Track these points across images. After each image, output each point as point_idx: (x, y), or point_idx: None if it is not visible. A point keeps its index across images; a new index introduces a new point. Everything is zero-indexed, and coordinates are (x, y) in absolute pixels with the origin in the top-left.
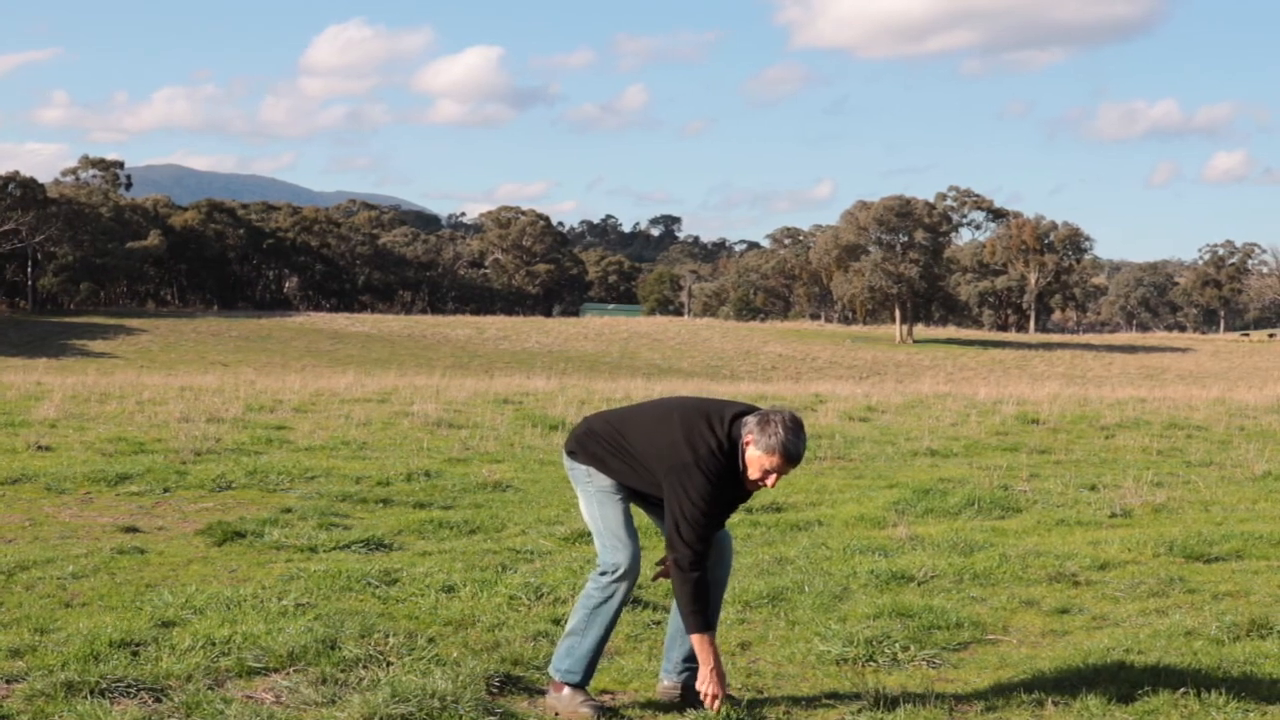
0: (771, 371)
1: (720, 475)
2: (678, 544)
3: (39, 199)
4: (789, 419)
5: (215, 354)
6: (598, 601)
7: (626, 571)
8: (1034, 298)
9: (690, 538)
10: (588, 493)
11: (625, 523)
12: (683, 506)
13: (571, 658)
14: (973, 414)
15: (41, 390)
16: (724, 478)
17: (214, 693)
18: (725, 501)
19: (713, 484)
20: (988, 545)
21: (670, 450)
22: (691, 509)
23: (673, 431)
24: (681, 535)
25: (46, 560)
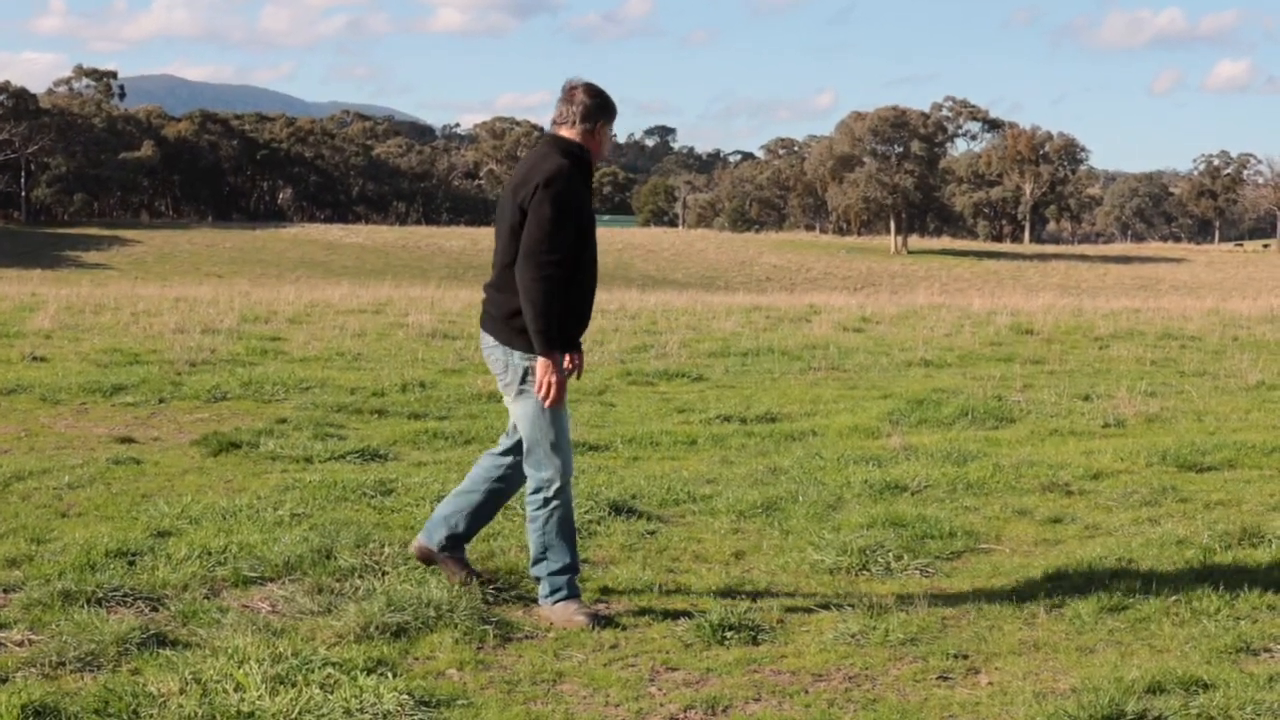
0: (766, 283)
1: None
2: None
3: (31, 109)
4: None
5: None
6: (544, 519)
7: (563, 486)
8: (1029, 209)
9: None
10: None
11: (567, 429)
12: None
13: (550, 583)
14: (967, 325)
15: (36, 301)
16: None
17: (210, 602)
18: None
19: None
20: (981, 455)
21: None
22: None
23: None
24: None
25: (42, 470)
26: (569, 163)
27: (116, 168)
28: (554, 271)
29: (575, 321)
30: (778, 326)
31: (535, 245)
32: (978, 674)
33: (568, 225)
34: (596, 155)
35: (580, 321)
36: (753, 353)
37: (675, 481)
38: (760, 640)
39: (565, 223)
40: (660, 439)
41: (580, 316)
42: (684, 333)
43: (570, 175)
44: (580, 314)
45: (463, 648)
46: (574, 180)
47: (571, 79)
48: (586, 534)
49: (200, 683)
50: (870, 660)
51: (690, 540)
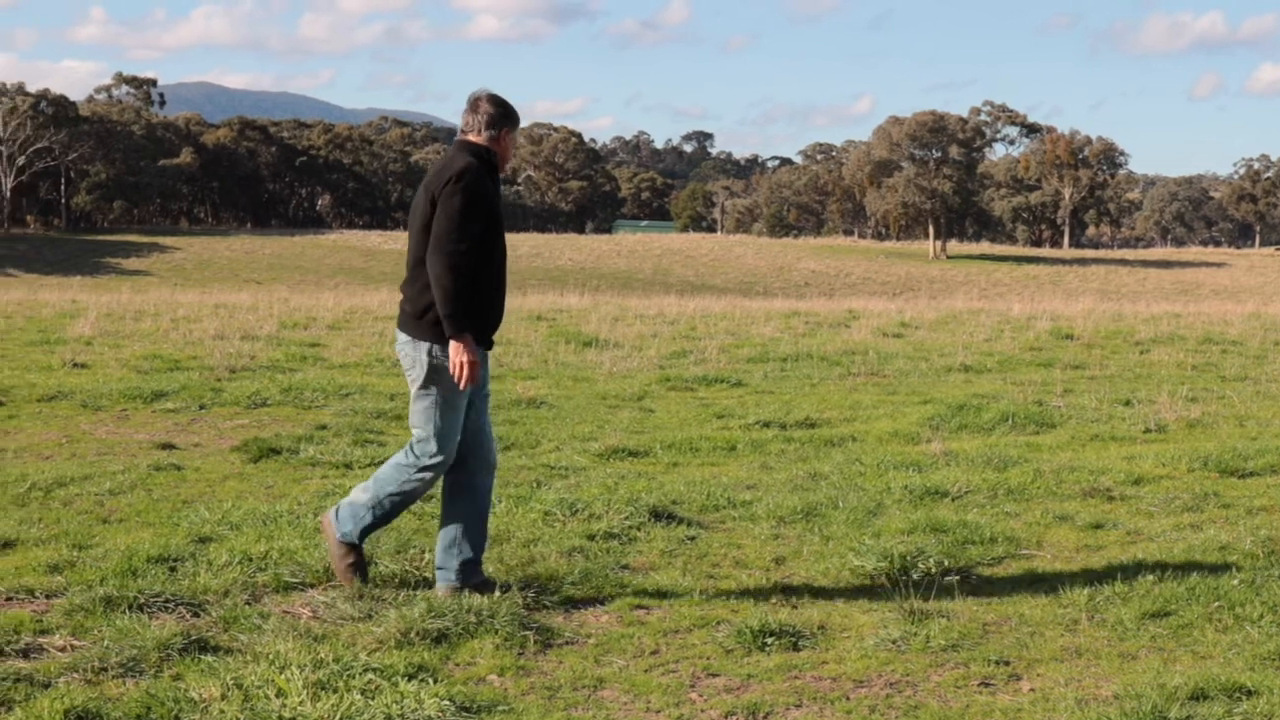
0: (805, 288)
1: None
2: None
3: (71, 117)
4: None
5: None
6: (400, 482)
7: (434, 479)
8: (1068, 213)
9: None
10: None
11: (459, 427)
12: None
13: (354, 531)
14: (1007, 330)
15: (77, 308)
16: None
17: (251, 608)
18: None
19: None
20: (1022, 460)
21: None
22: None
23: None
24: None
25: (84, 477)
26: (478, 162)
27: (156, 175)
28: (461, 260)
29: (490, 318)
30: (817, 332)
31: (444, 234)
32: (1019, 680)
33: (476, 217)
34: (502, 160)
35: (495, 317)
36: (792, 358)
37: (715, 487)
38: (801, 646)
39: (474, 214)
40: (700, 445)
41: (495, 312)
42: (723, 338)
43: (479, 172)
44: (495, 310)
45: (503, 653)
46: (483, 177)
47: (476, 91)
48: (626, 539)
49: (242, 688)
50: (911, 666)
51: (730, 546)
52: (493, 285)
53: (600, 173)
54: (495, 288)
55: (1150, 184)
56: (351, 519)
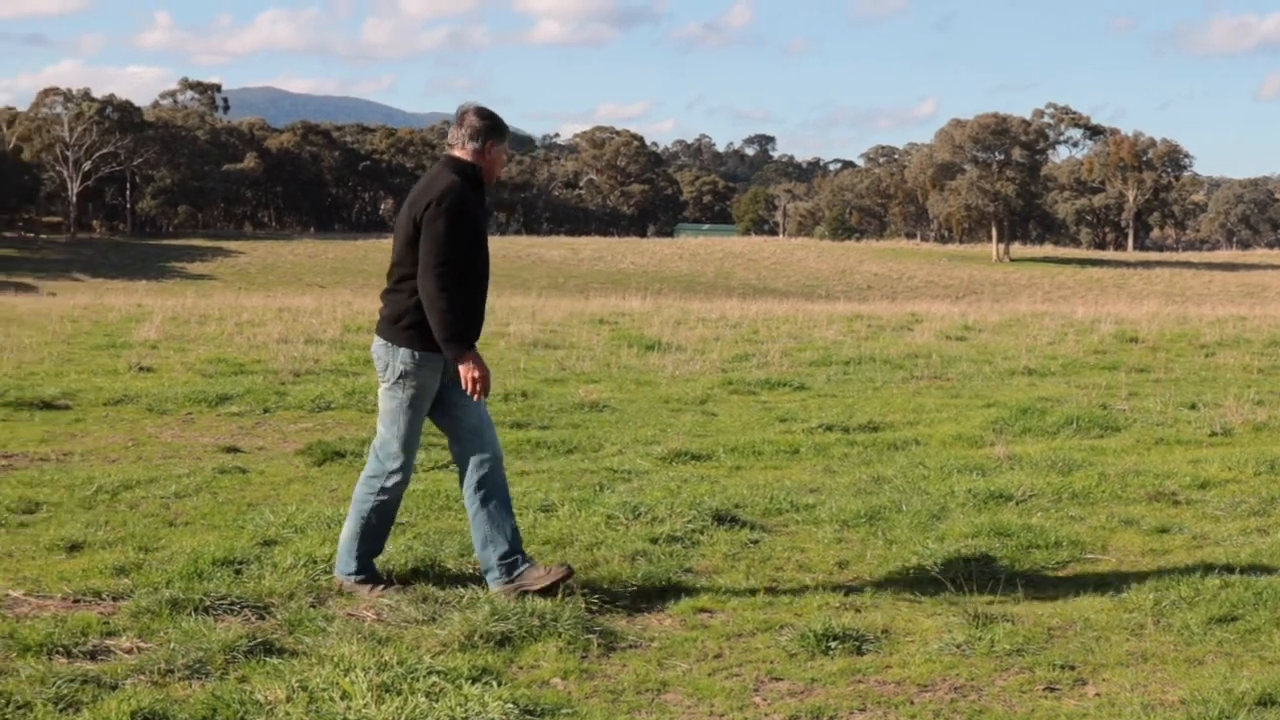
0: (867, 291)
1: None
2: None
3: (136, 122)
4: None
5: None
6: (371, 504)
7: (399, 483)
8: (1132, 215)
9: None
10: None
11: (419, 434)
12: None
13: (357, 563)
14: (1071, 333)
15: (142, 312)
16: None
17: (316, 610)
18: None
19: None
20: (1086, 464)
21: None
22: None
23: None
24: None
25: (150, 480)
26: (460, 179)
27: (220, 179)
28: (450, 282)
29: (474, 325)
30: (879, 335)
31: (431, 259)
32: (1085, 685)
33: (460, 235)
34: (489, 172)
35: (477, 324)
36: (854, 361)
37: (778, 491)
38: (865, 650)
39: (457, 234)
40: (763, 448)
41: (478, 320)
42: (785, 341)
43: (461, 191)
44: (478, 318)
45: (567, 657)
46: (465, 195)
47: (464, 104)
48: (689, 543)
49: (307, 690)
50: (976, 671)
51: (794, 550)
52: (477, 296)
53: (662, 176)
54: (478, 298)
55: (1215, 186)
56: (347, 553)
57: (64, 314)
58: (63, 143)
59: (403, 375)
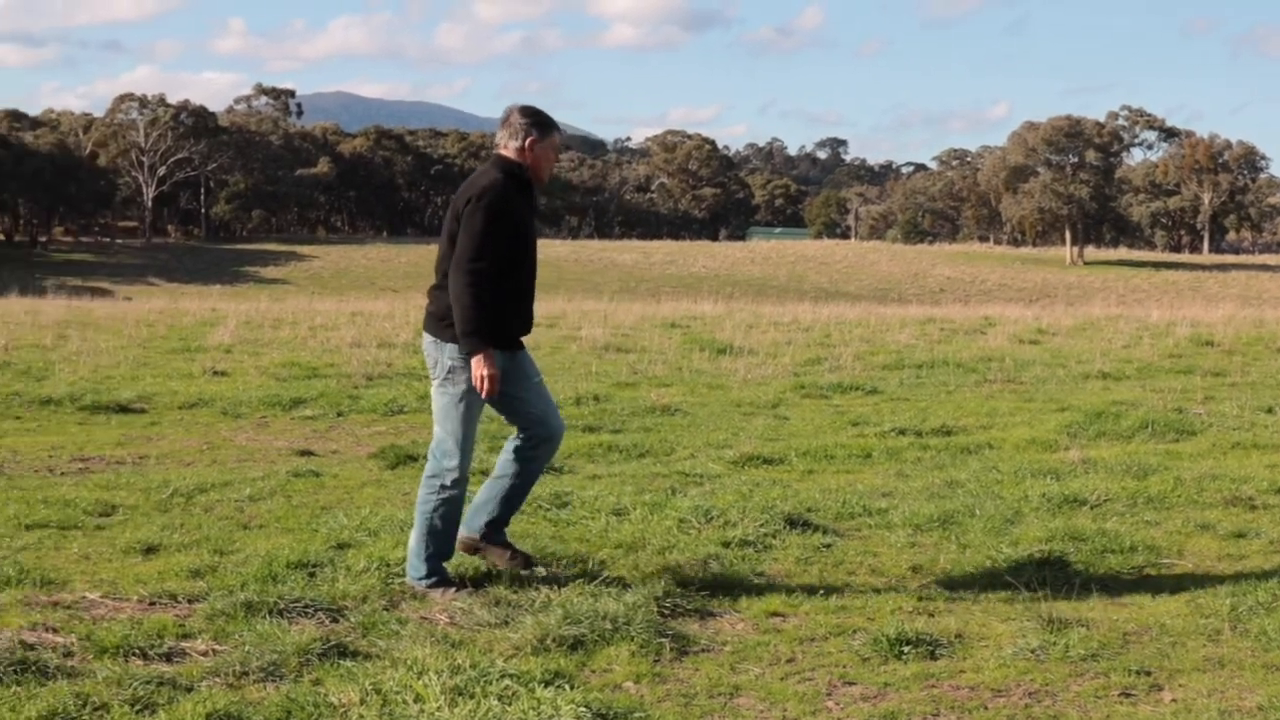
0: (940, 294)
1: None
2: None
3: (210, 127)
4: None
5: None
6: (434, 505)
7: (459, 479)
8: (1208, 218)
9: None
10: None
11: (476, 428)
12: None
13: (427, 566)
14: (1145, 336)
15: (216, 316)
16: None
17: (389, 613)
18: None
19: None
20: (1162, 469)
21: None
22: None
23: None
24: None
25: (224, 483)
26: (504, 178)
27: (293, 184)
28: (479, 279)
29: (516, 320)
30: (952, 339)
31: (464, 254)
32: (1161, 691)
33: (497, 236)
34: (537, 171)
35: (521, 319)
36: (927, 365)
37: (851, 495)
38: (938, 655)
39: (495, 232)
40: (835, 452)
41: (521, 315)
42: (858, 345)
43: (503, 189)
44: (521, 313)
45: (639, 660)
46: (508, 194)
47: (510, 105)
48: (762, 547)
49: (380, 693)
50: (1051, 676)
51: (866, 554)
52: (520, 292)
53: (734, 180)
54: (521, 297)
55: None
56: (417, 558)
57: (140, 318)
58: (138, 148)
59: (452, 370)
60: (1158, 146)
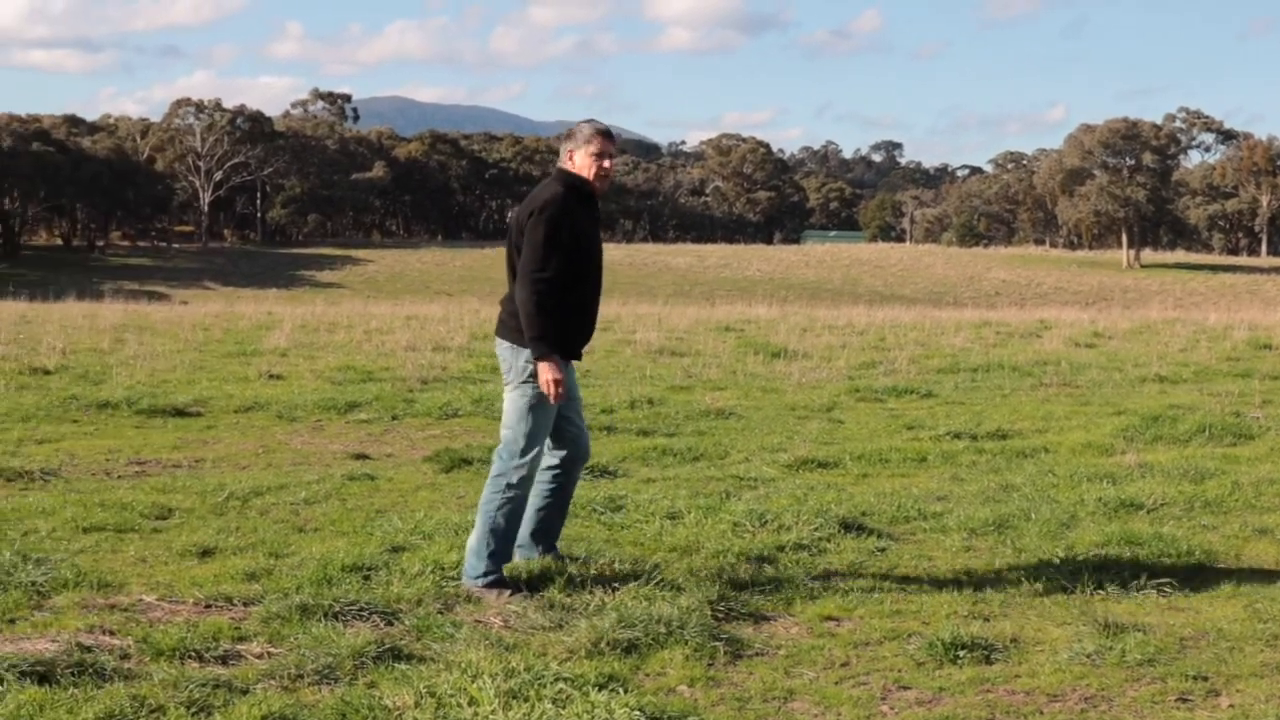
0: (995, 298)
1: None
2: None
3: (266, 132)
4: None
5: (439, 284)
6: (498, 505)
7: (525, 478)
8: (1266, 220)
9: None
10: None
11: (547, 430)
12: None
13: (486, 564)
14: (1203, 339)
15: (272, 320)
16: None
17: (443, 616)
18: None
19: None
20: (1219, 473)
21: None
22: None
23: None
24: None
25: (280, 486)
26: (565, 191)
27: (348, 188)
28: (544, 288)
29: (576, 332)
30: (1008, 342)
31: (527, 265)
32: (1218, 696)
33: (559, 247)
34: (595, 183)
35: (582, 332)
36: (983, 369)
37: (905, 499)
38: (993, 659)
39: (557, 243)
40: (890, 456)
41: (582, 328)
42: (913, 349)
43: (564, 202)
44: (581, 326)
45: (693, 664)
46: (569, 206)
47: (583, 121)
48: (816, 551)
49: (435, 696)
50: (1106, 681)
51: (921, 558)
52: (582, 305)
53: (788, 183)
54: (584, 307)
55: None
56: (476, 557)
57: (196, 322)
58: (195, 153)
59: (528, 374)
60: (1215, 149)
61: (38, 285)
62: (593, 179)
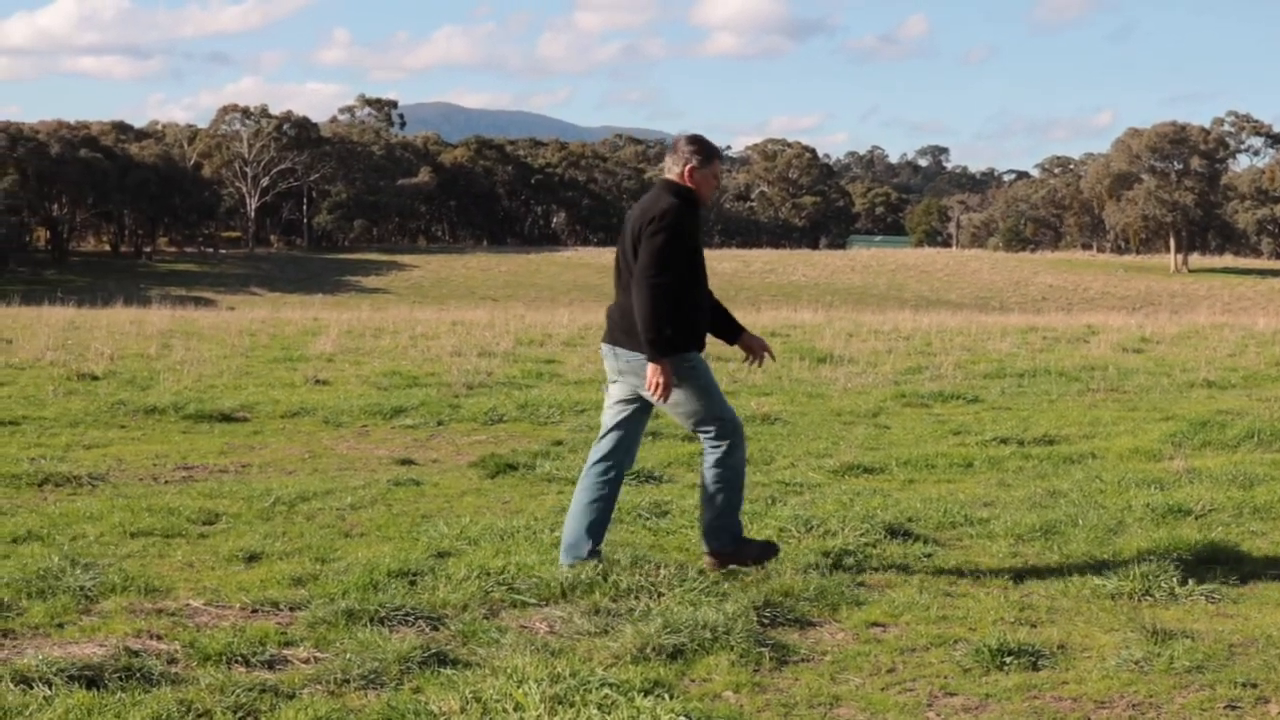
0: (1042, 302)
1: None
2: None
3: (313, 138)
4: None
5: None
6: (720, 479)
7: (734, 445)
8: None
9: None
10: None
11: (719, 395)
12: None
13: (730, 535)
14: (1251, 344)
15: (318, 326)
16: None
17: (489, 622)
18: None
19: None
20: (1269, 479)
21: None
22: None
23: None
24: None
25: (326, 491)
26: (678, 201)
27: (394, 194)
28: (662, 292)
29: (690, 333)
30: (1054, 347)
31: (645, 268)
32: (1268, 704)
33: (677, 252)
34: (701, 194)
35: (694, 333)
36: (1029, 374)
37: (952, 504)
38: (1040, 666)
39: (674, 250)
40: (936, 461)
41: (694, 329)
42: (959, 354)
43: (679, 211)
44: (694, 327)
45: (739, 670)
46: (682, 215)
47: (676, 135)
48: (861, 557)
49: (480, 701)
50: (1155, 688)
51: (967, 564)
52: (694, 307)
53: (834, 188)
54: (696, 309)
55: None
56: (723, 532)
57: (242, 328)
58: (241, 159)
59: (683, 368)
60: (1264, 153)
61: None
62: (707, 193)
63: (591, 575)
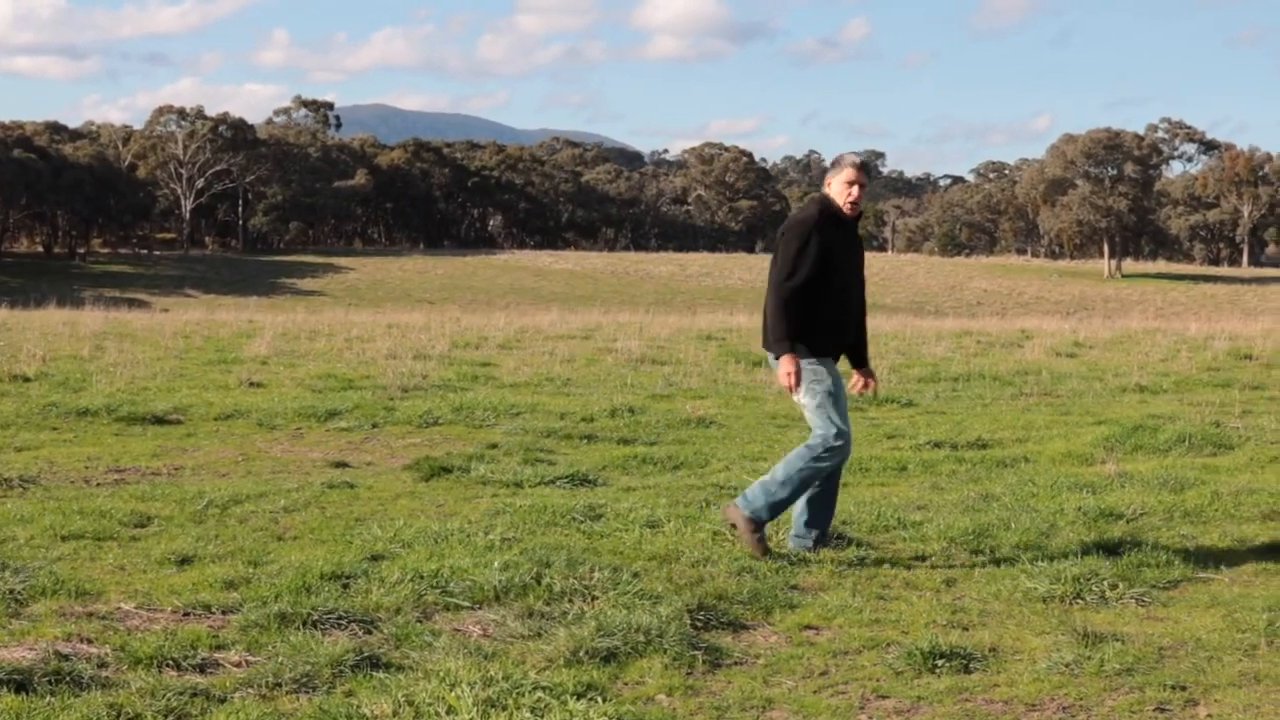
0: (977, 307)
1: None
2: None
3: (249, 140)
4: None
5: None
6: (802, 464)
7: (836, 448)
8: (1247, 231)
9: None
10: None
11: (842, 407)
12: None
13: (767, 511)
14: (1183, 349)
15: (253, 328)
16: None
17: (422, 625)
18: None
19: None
20: (1199, 482)
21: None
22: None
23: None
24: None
25: (259, 494)
26: (817, 212)
27: (331, 196)
28: (788, 295)
29: (826, 335)
30: (989, 351)
31: (777, 274)
32: (1196, 706)
33: (804, 260)
34: (837, 203)
35: (834, 335)
36: (963, 378)
37: (885, 507)
38: (972, 669)
39: (802, 257)
40: (870, 465)
41: (831, 332)
42: (893, 358)
43: (815, 221)
44: (834, 330)
45: (672, 673)
46: (820, 226)
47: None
48: (795, 559)
49: (413, 705)
50: (1085, 690)
51: (900, 567)
52: (833, 311)
53: (770, 192)
54: (836, 313)
55: None
56: (764, 494)
57: (177, 330)
58: (177, 160)
59: (806, 381)
60: (1197, 159)
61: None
62: (843, 204)
63: (524, 578)
